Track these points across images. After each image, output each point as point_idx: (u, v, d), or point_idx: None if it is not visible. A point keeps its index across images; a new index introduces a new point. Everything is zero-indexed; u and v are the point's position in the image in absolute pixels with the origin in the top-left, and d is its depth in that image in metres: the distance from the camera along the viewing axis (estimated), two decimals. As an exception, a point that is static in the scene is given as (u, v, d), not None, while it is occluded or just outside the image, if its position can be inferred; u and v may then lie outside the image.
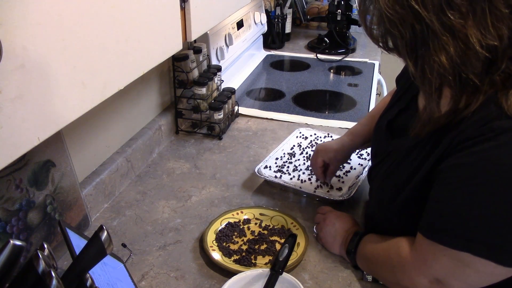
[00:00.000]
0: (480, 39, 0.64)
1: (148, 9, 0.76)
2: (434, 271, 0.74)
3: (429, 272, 0.75)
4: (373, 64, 2.10)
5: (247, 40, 1.95)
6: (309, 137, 1.41)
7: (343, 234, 0.97)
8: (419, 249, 0.76)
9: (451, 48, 0.65)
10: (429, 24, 0.65)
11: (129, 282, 0.88)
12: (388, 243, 0.85)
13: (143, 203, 1.16)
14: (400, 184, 0.83)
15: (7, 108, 0.50)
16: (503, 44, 0.65)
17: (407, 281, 0.79)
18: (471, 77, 0.67)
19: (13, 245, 0.59)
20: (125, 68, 0.73)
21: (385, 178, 0.89)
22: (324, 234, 1.00)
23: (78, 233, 0.86)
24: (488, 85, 0.68)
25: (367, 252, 0.90)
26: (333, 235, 0.98)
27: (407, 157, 0.83)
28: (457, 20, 0.64)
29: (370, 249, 0.90)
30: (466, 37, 0.64)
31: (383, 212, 0.89)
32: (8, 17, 0.48)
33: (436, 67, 0.67)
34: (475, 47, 0.64)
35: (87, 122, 1.08)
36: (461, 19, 0.64)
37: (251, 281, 0.89)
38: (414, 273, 0.77)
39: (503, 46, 0.65)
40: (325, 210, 1.06)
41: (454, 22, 0.64)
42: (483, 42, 0.64)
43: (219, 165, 1.32)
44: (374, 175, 0.95)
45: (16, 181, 0.84)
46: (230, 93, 1.51)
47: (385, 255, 0.84)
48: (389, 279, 0.85)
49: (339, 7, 2.20)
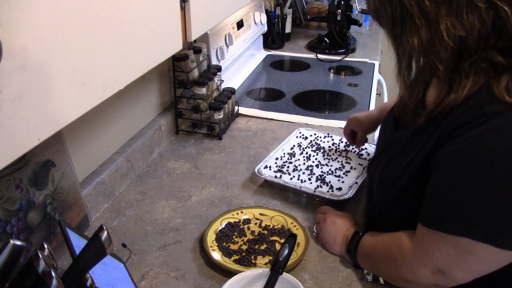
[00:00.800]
0: (449, 29, 0.68)
1: (148, 9, 0.76)
2: (436, 261, 0.74)
3: (431, 262, 0.75)
4: (373, 64, 2.10)
5: (247, 40, 1.95)
6: (309, 137, 1.41)
7: (343, 233, 0.97)
8: (420, 240, 0.77)
9: (423, 33, 0.71)
10: (408, 8, 0.71)
11: (129, 282, 0.89)
12: (388, 237, 0.85)
13: (143, 203, 1.16)
14: (397, 175, 0.84)
15: (7, 108, 0.50)
16: (472, 36, 0.68)
17: (410, 274, 0.79)
18: (436, 63, 0.72)
19: (13, 245, 0.59)
20: (125, 68, 0.73)
21: (384, 169, 0.90)
22: (324, 234, 1.00)
23: (78, 233, 0.86)
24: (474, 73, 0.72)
25: (368, 249, 0.90)
26: (333, 235, 0.99)
27: (405, 148, 0.84)
28: (433, 8, 0.69)
29: (370, 245, 0.90)
30: (438, 25, 0.69)
31: (383, 204, 0.90)
32: (8, 17, 0.48)
33: (408, 48, 0.73)
34: (442, 36, 0.69)
35: (87, 122, 1.08)
36: (436, 7, 0.69)
37: (251, 281, 0.89)
38: (416, 265, 0.77)
39: (473, 38, 0.69)
40: (325, 210, 1.06)
41: (429, 9, 0.69)
42: (451, 32, 0.69)
43: (219, 165, 1.32)
44: (374, 167, 0.96)
45: (16, 181, 0.84)
46: (230, 93, 1.51)
47: (386, 250, 0.84)
48: (391, 274, 0.85)
49: (339, 7, 2.20)
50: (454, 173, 0.71)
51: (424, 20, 0.70)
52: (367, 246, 0.91)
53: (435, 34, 0.70)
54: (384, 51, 2.38)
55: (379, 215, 0.92)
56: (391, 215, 0.88)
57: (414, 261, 0.78)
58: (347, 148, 1.35)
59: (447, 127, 0.73)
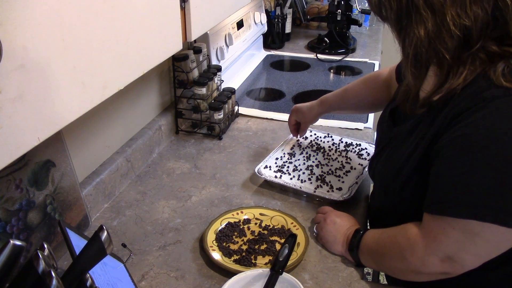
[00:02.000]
0: (455, 19, 0.70)
1: (148, 9, 0.76)
2: (445, 248, 0.75)
3: (440, 249, 0.75)
4: (373, 64, 2.10)
5: (247, 40, 1.95)
6: (309, 137, 1.41)
7: (344, 232, 0.97)
8: (427, 228, 0.77)
9: (429, 24, 0.72)
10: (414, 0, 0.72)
11: (129, 282, 0.89)
12: (393, 230, 0.86)
13: (143, 203, 1.16)
14: (399, 166, 0.85)
15: (7, 108, 0.50)
16: (476, 25, 0.70)
17: (418, 263, 0.79)
18: (443, 52, 0.73)
19: (13, 245, 0.59)
20: (125, 68, 0.73)
21: (386, 162, 0.91)
22: (325, 234, 1.00)
23: (78, 233, 0.86)
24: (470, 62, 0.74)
25: (371, 244, 0.90)
26: (334, 234, 0.99)
27: (405, 140, 0.86)
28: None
29: (374, 241, 0.90)
30: (444, 15, 0.71)
31: (388, 198, 0.90)
32: (8, 17, 0.48)
33: (414, 40, 0.74)
34: (449, 26, 0.71)
35: (87, 122, 1.08)
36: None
37: (251, 281, 0.89)
38: (425, 253, 0.77)
39: (477, 27, 0.70)
40: (326, 210, 1.06)
41: (434, 1, 0.71)
42: (457, 21, 0.70)
43: (219, 165, 1.32)
44: (375, 163, 0.96)
45: (16, 181, 0.84)
46: (230, 93, 1.51)
47: (392, 242, 0.84)
48: (398, 266, 0.84)
49: (339, 7, 2.20)
50: (457, 157, 0.72)
51: (430, 11, 0.71)
52: (370, 242, 0.91)
53: (441, 24, 0.71)
54: (384, 51, 2.38)
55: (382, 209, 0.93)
56: (394, 208, 0.89)
57: (422, 249, 0.78)
58: (347, 148, 1.35)
59: (447, 115, 0.75)
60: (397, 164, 0.86)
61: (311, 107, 1.30)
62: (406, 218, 0.84)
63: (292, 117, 1.35)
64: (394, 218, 0.88)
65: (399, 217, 0.86)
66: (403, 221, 0.84)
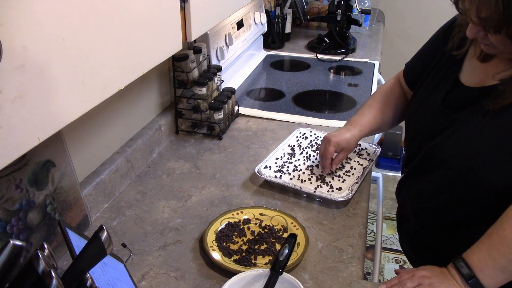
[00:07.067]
0: None
1: (148, 9, 0.76)
2: None
3: None
4: (373, 64, 2.10)
5: (247, 40, 1.95)
6: (309, 137, 1.41)
7: (441, 271, 0.88)
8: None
9: None
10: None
11: (129, 282, 0.89)
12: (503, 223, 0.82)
13: (143, 203, 1.16)
14: (503, 141, 0.85)
15: (7, 108, 0.50)
16: None
17: None
18: None
19: (13, 245, 0.59)
20: (125, 68, 0.73)
21: (472, 141, 0.90)
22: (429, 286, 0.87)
23: (78, 233, 0.86)
24: None
25: (487, 256, 0.82)
26: (435, 280, 0.86)
27: (497, 118, 0.87)
28: None
29: (489, 252, 0.83)
30: None
31: (465, 185, 0.90)
32: (8, 17, 0.48)
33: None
34: None
35: (87, 122, 1.08)
36: None
37: (251, 281, 0.89)
38: None
39: None
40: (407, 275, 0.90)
41: None
42: None
43: (219, 165, 1.32)
44: (440, 149, 0.96)
45: (16, 181, 0.84)
46: (230, 93, 1.51)
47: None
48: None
49: (339, 7, 2.20)
50: None
51: None
52: (485, 255, 0.83)
53: None
54: (384, 51, 2.38)
55: (447, 204, 0.94)
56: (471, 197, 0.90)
57: None
58: (347, 148, 1.34)
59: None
60: (498, 140, 0.86)
61: (352, 133, 1.19)
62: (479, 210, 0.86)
63: (330, 147, 1.17)
64: (460, 213, 0.89)
65: (469, 210, 0.86)
66: (472, 216, 0.85)
